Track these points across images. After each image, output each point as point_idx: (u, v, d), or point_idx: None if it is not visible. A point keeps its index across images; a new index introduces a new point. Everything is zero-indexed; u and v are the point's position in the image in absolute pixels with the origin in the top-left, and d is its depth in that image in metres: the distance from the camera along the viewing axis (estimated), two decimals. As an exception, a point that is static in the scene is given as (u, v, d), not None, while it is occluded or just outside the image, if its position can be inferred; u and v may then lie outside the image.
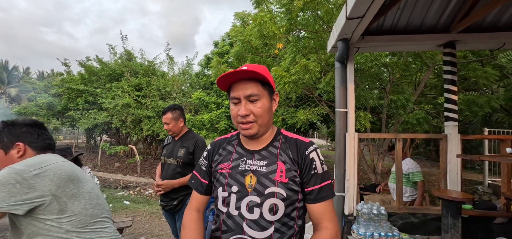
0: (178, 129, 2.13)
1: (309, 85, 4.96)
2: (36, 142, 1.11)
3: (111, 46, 10.85)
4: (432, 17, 2.46)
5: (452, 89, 2.39)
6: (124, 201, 4.95)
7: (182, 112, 2.18)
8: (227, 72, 0.83)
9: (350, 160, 2.35)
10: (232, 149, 0.96)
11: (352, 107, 2.40)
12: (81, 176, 1.12)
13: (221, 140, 1.03)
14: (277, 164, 0.86)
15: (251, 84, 0.85)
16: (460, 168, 2.24)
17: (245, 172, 0.87)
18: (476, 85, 4.91)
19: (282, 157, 0.88)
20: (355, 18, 1.92)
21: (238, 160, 0.91)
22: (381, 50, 3.15)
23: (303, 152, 0.88)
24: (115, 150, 8.93)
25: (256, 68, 0.84)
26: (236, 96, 0.86)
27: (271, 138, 0.93)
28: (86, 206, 1.07)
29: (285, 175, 0.84)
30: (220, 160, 0.95)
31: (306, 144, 0.90)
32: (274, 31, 3.93)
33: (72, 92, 10.05)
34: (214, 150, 1.00)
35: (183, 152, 2.07)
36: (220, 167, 0.93)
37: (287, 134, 0.96)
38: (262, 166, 0.87)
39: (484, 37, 2.44)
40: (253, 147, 0.92)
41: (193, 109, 9.29)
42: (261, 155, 0.90)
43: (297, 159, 0.87)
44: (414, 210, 2.40)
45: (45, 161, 1.03)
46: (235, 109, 0.87)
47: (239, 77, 0.86)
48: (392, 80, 5.00)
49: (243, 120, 0.85)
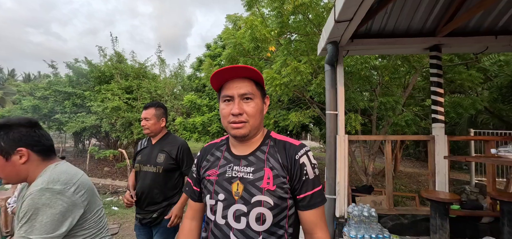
0: (158, 128, 1.89)
1: (301, 88, 4.98)
2: (38, 145, 1.02)
3: (101, 48, 10.61)
4: (418, 21, 2.52)
5: (439, 91, 2.45)
6: (112, 207, 4.81)
7: (166, 112, 1.97)
8: (224, 68, 0.80)
9: (340, 162, 2.35)
10: (220, 155, 0.92)
11: (342, 110, 2.42)
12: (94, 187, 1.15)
13: (210, 145, 0.99)
14: (264, 170, 0.82)
15: (245, 83, 0.83)
16: (447, 168, 2.28)
17: (232, 179, 0.83)
18: (461, 88, 5.06)
19: (269, 162, 0.83)
20: (344, 21, 1.95)
21: (225, 166, 0.87)
22: (370, 53, 3.20)
23: (292, 156, 0.83)
24: (104, 154, 8.71)
25: (251, 67, 0.82)
26: (229, 94, 0.83)
27: (260, 142, 0.89)
28: (97, 219, 1.08)
29: (273, 181, 0.80)
30: (208, 166, 0.91)
31: (295, 148, 0.85)
32: (265, 34, 3.93)
33: (59, 95, 9.76)
34: (202, 156, 0.97)
35: (164, 157, 1.82)
36: (207, 174, 0.89)
37: (276, 137, 0.91)
38: (249, 173, 0.82)
39: (468, 41, 2.52)
40: (241, 151, 0.88)
41: (185, 112, 9.18)
42: (248, 161, 0.85)
43: (287, 164, 0.82)
44: (404, 211, 2.43)
45: (76, 174, 1.04)
46: (226, 109, 0.83)
47: (235, 75, 0.83)
48: (381, 83, 5.09)
49: (235, 119, 0.81)
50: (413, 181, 8.64)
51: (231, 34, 5.19)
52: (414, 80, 4.90)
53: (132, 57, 10.93)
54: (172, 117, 8.71)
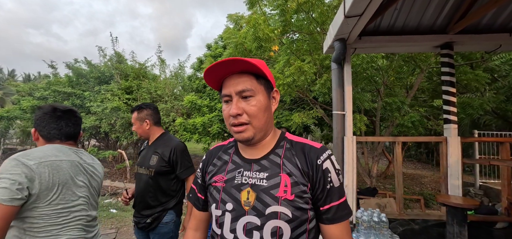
0: (143, 131, 1.79)
1: (304, 88, 4.89)
2: (42, 130, 1.14)
3: (101, 48, 10.54)
4: (429, 18, 2.42)
5: (451, 91, 2.35)
6: (110, 209, 4.70)
7: (153, 112, 1.83)
8: (216, 63, 0.69)
9: (348, 165, 2.25)
10: (228, 158, 0.81)
11: (350, 110, 2.32)
12: (73, 184, 1.08)
13: (217, 148, 0.88)
14: (281, 176, 0.70)
15: (243, 78, 0.72)
16: (460, 171, 2.18)
17: (241, 186, 0.72)
18: (465, 89, 4.97)
19: (286, 167, 0.72)
20: (354, 16, 1.85)
21: (234, 171, 0.76)
22: (378, 51, 3.10)
23: (313, 160, 0.71)
24: (104, 155, 8.61)
25: (249, 59, 0.70)
26: (227, 93, 0.73)
27: (273, 144, 0.77)
28: (53, 213, 1.01)
29: (291, 190, 0.68)
30: (215, 171, 0.80)
31: (317, 151, 0.73)
32: (268, 33, 3.84)
33: (58, 95, 9.68)
34: (208, 160, 0.86)
35: (156, 159, 1.71)
36: (214, 180, 0.78)
37: (293, 138, 0.79)
38: (262, 179, 0.71)
39: (481, 38, 2.42)
40: (252, 155, 0.77)
41: (185, 112, 9.08)
42: (260, 165, 0.74)
43: (307, 170, 0.71)
44: (415, 216, 2.32)
45: (53, 156, 1.04)
46: (226, 110, 0.73)
47: (229, 70, 0.72)
48: (385, 83, 5.00)
49: (235, 121, 0.71)
50: (416, 182, 8.53)
51: (232, 34, 5.11)
52: (420, 80, 4.81)
53: (132, 57, 10.86)
54: (172, 118, 8.61)
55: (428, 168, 11.68)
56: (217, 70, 0.71)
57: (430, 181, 8.98)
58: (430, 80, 5.59)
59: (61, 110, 1.17)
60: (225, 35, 5.73)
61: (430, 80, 5.55)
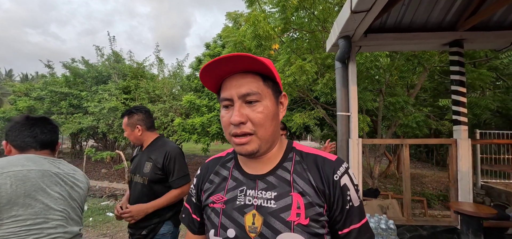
0: (136, 138, 1.66)
1: (305, 88, 4.78)
2: (15, 140, 1.08)
3: (98, 48, 10.41)
4: (438, 14, 2.32)
5: (461, 90, 2.24)
6: (107, 213, 4.59)
7: (145, 116, 1.69)
8: (211, 61, 0.56)
9: (353, 169, 2.14)
10: (227, 174, 0.68)
11: (355, 111, 2.21)
12: (45, 196, 0.96)
13: (214, 161, 0.74)
14: (292, 197, 0.59)
15: (248, 78, 0.59)
16: (471, 175, 2.08)
17: (245, 208, 0.60)
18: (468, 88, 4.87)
19: (297, 185, 0.60)
20: (361, 12, 1.74)
21: (235, 189, 0.64)
22: (384, 49, 2.99)
23: (330, 176, 0.60)
24: (101, 155, 8.48)
25: (256, 56, 0.57)
26: (227, 96, 0.60)
27: (280, 156, 0.65)
28: (15, 228, 0.89)
29: (305, 213, 0.57)
30: (212, 189, 0.68)
31: (332, 164, 0.62)
32: (268, 31, 3.72)
33: (55, 95, 9.56)
34: (204, 175, 0.73)
35: (150, 166, 1.57)
36: (211, 200, 0.66)
37: (303, 149, 0.67)
38: (269, 200, 0.59)
39: (492, 36, 2.31)
40: (256, 169, 0.65)
41: (184, 112, 8.96)
42: (267, 183, 0.62)
43: (323, 188, 0.60)
44: (424, 222, 2.22)
45: (16, 167, 0.95)
46: (226, 116, 0.61)
47: (231, 69, 0.59)
48: (388, 82, 4.89)
49: (236, 131, 0.58)
50: (417, 182, 8.45)
51: (231, 32, 4.99)
52: (423, 80, 4.70)
53: (130, 57, 10.74)
54: (171, 118, 8.50)
55: (428, 167, 11.62)
56: (216, 69, 0.58)
57: (431, 180, 8.90)
58: (432, 79, 5.50)
59: (35, 118, 1.11)
60: (224, 34, 5.62)
61: (431, 79, 5.46)
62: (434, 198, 6.19)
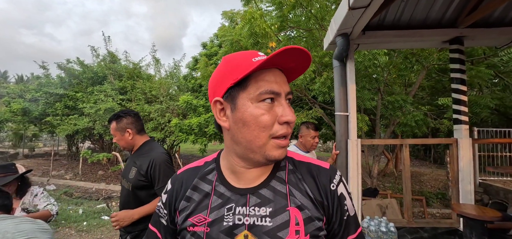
0: (126, 142, 1.61)
1: (302, 87, 4.72)
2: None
3: (93, 48, 10.29)
4: (437, 11, 2.26)
5: (461, 89, 2.19)
6: (102, 216, 4.50)
7: (134, 119, 1.64)
8: (293, 47, 0.47)
9: (353, 171, 2.09)
10: (210, 189, 0.58)
11: (353, 111, 2.15)
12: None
13: (189, 172, 0.62)
14: (289, 212, 0.52)
15: (284, 77, 0.55)
16: (472, 176, 2.03)
17: (235, 229, 0.51)
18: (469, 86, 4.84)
19: (295, 197, 0.53)
20: (359, 8, 1.68)
21: (222, 207, 0.54)
22: (382, 47, 2.93)
23: (327, 186, 0.55)
24: (98, 157, 8.38)
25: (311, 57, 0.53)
26: (276, 90, 0.51)
27: (272, 165, 0.58)
28: None
29: (305, 229, 0.50)
30: (191, 209, 0.56)
31: (327, 172, 0.57)
32: (265, 28, 3.65)
33: (50, 97, 9.44)
34: (177, 191, 0.60)
35: (134, 172, 1.52)
36: (190, 222, 0.55)
37: (293, 155, 0.61)
38: (264, 217, 0.51)
39: (493, 32, 2.26)
40: (245, 182, 0.56)
41: (181, 113, 8.88)
42: (260, 197, 0.54)
43: (321, 199, 0.54)
44: (424, 223, 2.17)
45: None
46: (268, 113, 0.50)
47: (290, 63, 0.52)
48: (386, 81, 4.85)
49: (287, 131, 0.51)
50: (415, 180, 8.43)
51: (227, 31, 4.92)
52: (421, 78, 4.66)
53: (126, 57, 10.62)
54: (167, 118, 8.42)
55: (426, 165, 11.64)
56: (285, 57, 0.50)
57: (429, 178, 8.89)
58: (430, 78, 5.47)
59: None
60: (220, 33, 5.54)
61: (429, 77, 5.42)
62: (433, 197, 6.17)
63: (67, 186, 7.58)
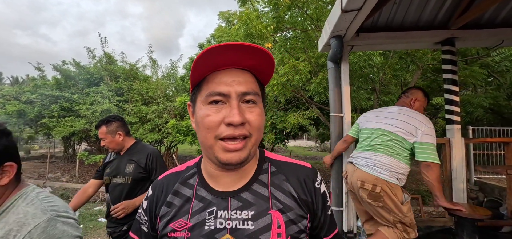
0: (117, 144, 1.76)
1: (299, 87, 4.75)
2: None
3: (89, 49, 10.23)
4: (429, 13, 2.29)
5: (453, 89, 2.23)
6: (99, 218, 4.48)
7: (122, 123, 1.81)
8: (221, 44, 0.46)
9: (347, 170, 2.11)
10: (191, 193, 0.57)
11: (348, 112, 2.18)
12: None
13: (170, 177, 0.61)
14: (271, 215, 0.52)
15: (246, 77, 0.51)
16: (465, 175, 2.07)
17: (216, 233, 0.51)
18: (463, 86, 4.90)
19: (277, 200, 0.54)
20: (352, 11, 1.70)
21: (203, 211, 0.54)
22: (376, 48, 2.97)
23: (311, 185, 0.57)
24: (94, 159, 8.33)
25: (266, 51, 0.49)
26: (222, 91, 0.49)
27: (255, 168, 0.58)
28: None
29: (286, 232, 0.51)
30: (172, 214, 0.55)
31: (310, 172, 0.59)
32: (261, 29, 3.67)
33: (46, 99, 9.37)
34: (158, 197, 0.59)
35: (132, 167, 1.72)
36: (171, 228, 0.54)
37: (275, 157, 0.62)
38: (246, 220, 0.52)
39: (484, 34, 2.30)
40: (227, 185, 0.55)
41: (178, 114, 8.86)
42: (242, 200, 0.54)
43: (305, 197, 0.56)
44: (419, 223, 2.20)
45: None
46: (215, 115, 0.49)
47: (235, 60, 0.49)
48: (382, 81, 4.88)
49: (233, 133, 0.48)
50: (411, 179, 8.50)
51: (224, 32, 4.93)
52: (416, 78, 4.71)
53: (122, 58, 10.58)
54: (165, 119, 8.40)
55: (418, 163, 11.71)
56: (216, 56, 0.48)
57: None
58: (425, 77, 5.52)
59: None
60: (217, 34, 5.55)
61: (424, 77, 5.48)
62: (428, 195, 6.23)
63: (63, 189, 7.52)
